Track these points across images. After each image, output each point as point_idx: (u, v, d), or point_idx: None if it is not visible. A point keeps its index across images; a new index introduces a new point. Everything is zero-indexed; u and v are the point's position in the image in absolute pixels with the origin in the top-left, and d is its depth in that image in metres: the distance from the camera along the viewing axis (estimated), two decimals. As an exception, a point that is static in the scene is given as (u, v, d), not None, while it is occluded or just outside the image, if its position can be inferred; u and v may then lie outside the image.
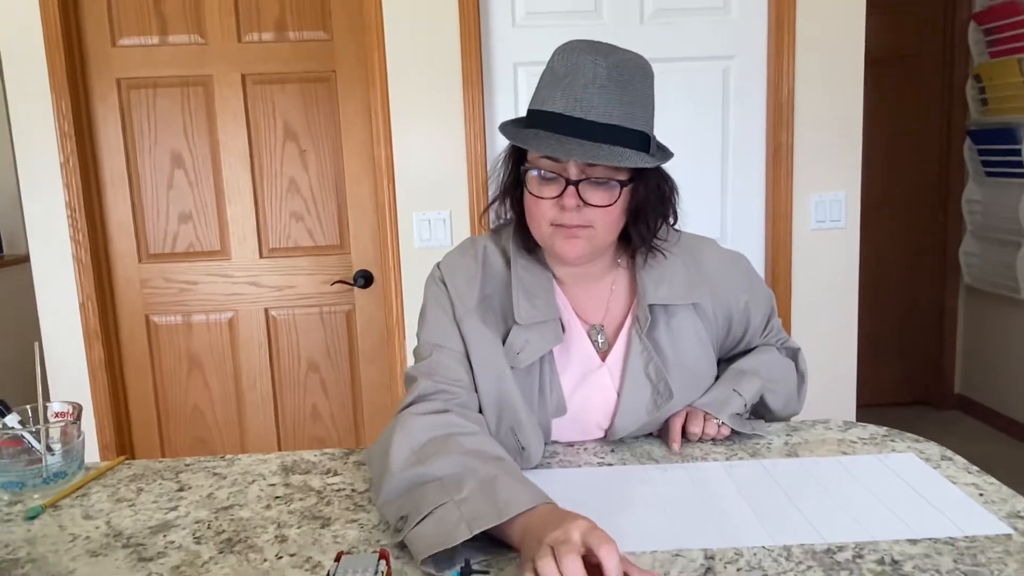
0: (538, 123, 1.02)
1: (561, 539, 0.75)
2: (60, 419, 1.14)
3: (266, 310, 2.45)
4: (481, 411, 1.08)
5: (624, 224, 1.09)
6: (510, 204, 1.14)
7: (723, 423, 1.14)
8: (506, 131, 1.08)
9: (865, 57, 2.36)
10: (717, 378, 1.21)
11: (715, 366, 1.22)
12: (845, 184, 2.41)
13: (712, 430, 1.14)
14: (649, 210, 1.09)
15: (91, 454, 2.33)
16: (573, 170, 1.02)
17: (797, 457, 1.09)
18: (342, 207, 2.41)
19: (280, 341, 2.47)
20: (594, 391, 1.14)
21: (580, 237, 1.04)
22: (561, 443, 1.17)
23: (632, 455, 1.12)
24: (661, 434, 1.18)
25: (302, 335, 2.47)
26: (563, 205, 1.02)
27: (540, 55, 1.07)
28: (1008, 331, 3.57)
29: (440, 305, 1.13)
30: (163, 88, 2.34)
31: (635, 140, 1.01)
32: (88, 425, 2.35)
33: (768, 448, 1.13)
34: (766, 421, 1.23)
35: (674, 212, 1.13)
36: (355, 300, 2.46)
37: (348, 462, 1.15)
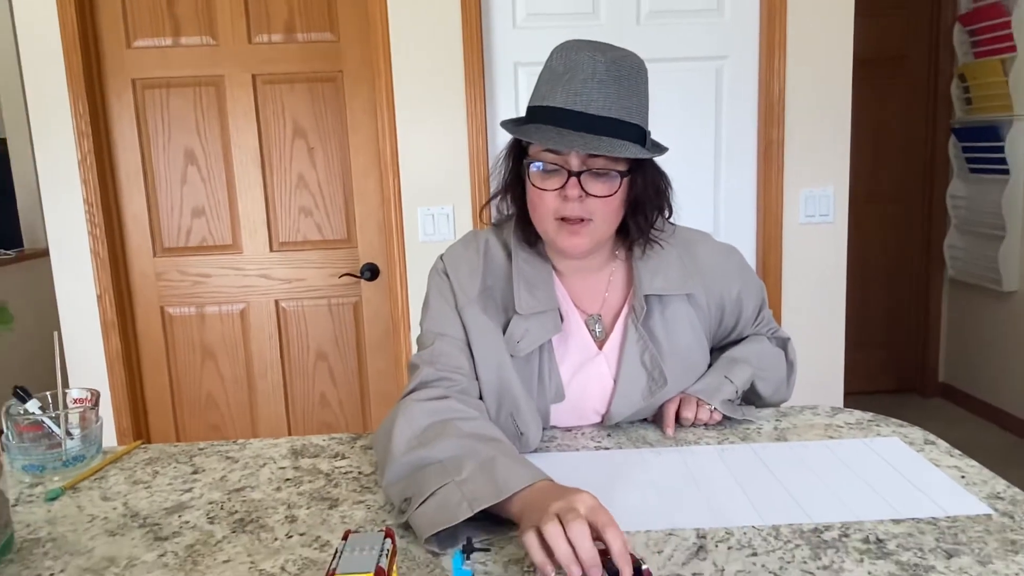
0: (539, 118, 1.03)
1: (567, 508, 0.75)
2: (79, 405, 1.15)
3: (276, 302, 2.45)
4: (481, 397, 1.09)
5: (622, 217, 1.09)
6: (511, 199, 1.14)
7: (715, 409, 1.14)
8: (508, 127, 1.08)
9: (853, 57, 2.35)
10: (710, 366, 1.21)
11: (708, 354, 1.22)
12: (834, 180, 2.40)
13: (704, 415, 1.15)
14: (646, 202, 1.09)
15: (108, 439, 2.34)
16: (575, 162, 1.02)
17: (786, 441, 1.10)
18: (349, 202, 2.41)
19: (290, 332, 2.47)
20: (591, 378, 1.14)
21: (582, 231, 1.05)
22: (559, 428, 1.17)
23: (628, 439, 1.12)
24: (656, 419, 1.18)
25: (311, 326, 2.47)
26: (566, 196, 1.02)
27: (540, 55, 1.07)
28: (990, 322, 3.58)
29: (443, 295, 1.14)
30: (176, 88, 2.33)
31: (633, 133, 1.01)
32: (105, 412, 2.35)
33: (758, 433, 1.13)
34: (756, 407, 1.23)
35: (669, 205, 1.13)
36: (362, 292, 2.46)
37: (355, 446, 1.15)
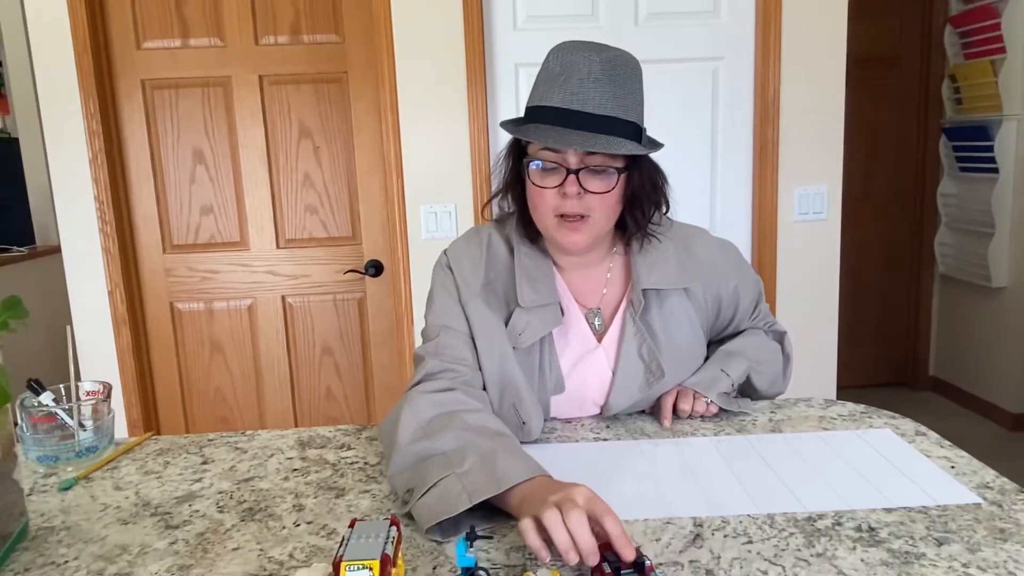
0: (538, 118, 1.03)
1: (565, 499, 0.75)
2: (91, 397, 1.15)
3: (283, 297, 2.45)
4: (485, 388, 1.09)
5: (620, 212, 1.09)
6: (512, 198, 1.14)
7: (711, 401, 1.15)
8: (507, 127, 1.08)
9: (847, 58, 2.35)
10: (707, 359, 1.21)
11: (704, 348, 1.22)
12: (827, 179, 2.40)
13: (701, 407, 1.15)
14: (643, 197, 1.09)
15: (120, 431, 2.34)
16: (573, 159, 1.02)
17: (781, 433, 1.10)
18: (354, 200, 2.41)
19: (296, 327, 2.47)
20: (591, 370, 1.14)
21: (581, 227, 1.05)
22: (559, 419, 1.18)
23: (626, 431, 1.13)
24: (653, 411, 1.18)
25: (317, 321, 2.47)
26: (565, 193, 1.03)
27: (540, 56, 1.07)
28: (980, 317, 3.58)
29: (446, 289, 1.14)
30: (185, 88, 2.33)
31: (629, 130, 1.01)
32: (117, 405, 2.36)
33: (754, 424, 1.13)
34: (752, 400, 1.23)
35: (666, 200, 1.13)
36: (366, 288, 2.46)
37: (361, 437, 1.15)
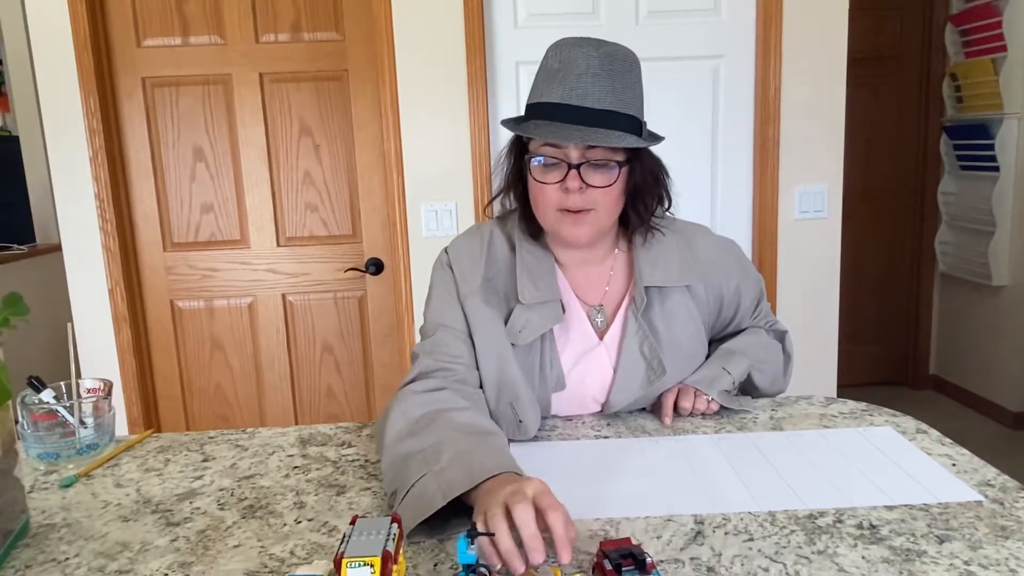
0: (538, 114, 1.03)
1: (514, 492, 0.74)
2: (92, 395, 1.15)
3: (283, 295, 2.45)
4: (481, 386, 1.09)
5: (623, 206, 1.09)
6: (514, 196, 1.14)
7: (712, 399, 1.14)
8: (508, 125, 1.08)
9: (847, 57, 2.34)
10: (708, 357, 1.21)
11: (706, 345, 1.22)
12: (828, 177, 2.40)
13: (702, 405, 1.15)
14: (645, 190, 1.09)
15: (120, 429, 2.33)
16: (574, 154, 1.02)
17: (782, 430, 1.10)
18: (354, 198, 2.41)
19: (296, 325, 2.47)
20: (592, 367, 1.14)
21: (584, 222, 1.05)
22: (560, 417, 1.18)
23: (627, 428, 1.13)
24: (654, 409, 1.18)
25: (317, 319, 2.47)
26: (567, 188, 1.03)
27: (541, 54, 1.07)
28: (980, 316, 3.57)
29: (445, 287, 1.14)
30: (185, 86, 2.33)
31: (628, 124, 1.01)
32: (117, 402, 2.36)
33: (754, 422, 1.13)
34: (753, 398, 1.23)
35: (668, 194, 1.13)
36: (367, 286, 2.46)
37: (361, 435, 1.15)
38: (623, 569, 0.69)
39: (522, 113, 1.09)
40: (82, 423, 1.11)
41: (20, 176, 3.61)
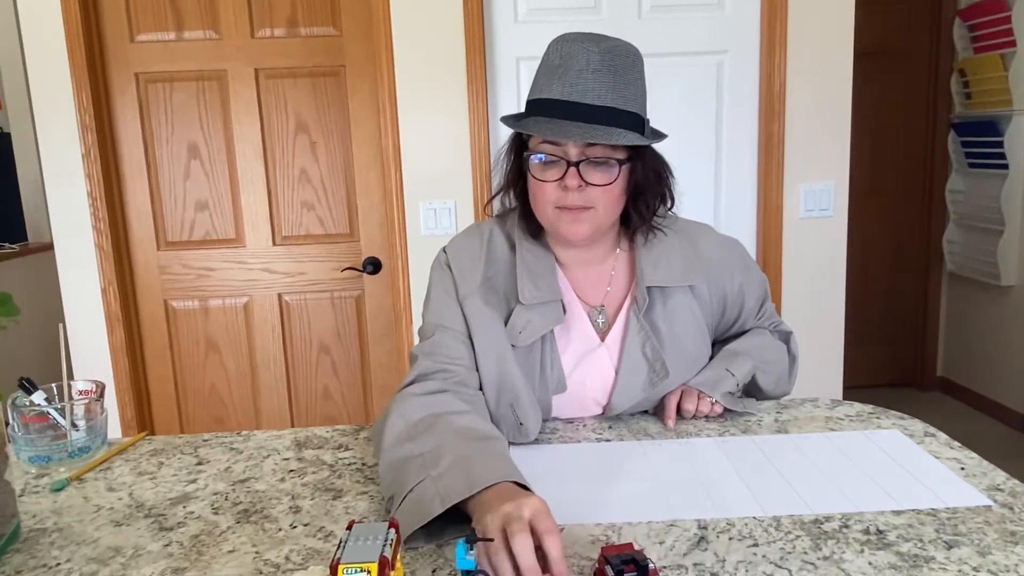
0: (537, 111, 1.03)
1: (512, 518, 0.73)
2: (84, 397, 1.14)
3: (279, 295, 2.45)
4: (481, 388, 1.09)
5: (624, 205, 1.09)
6: (514, 194, 1.14)
7: (716, 401, 1.14)
8: (508, 122, 1.08)
9: (854, 52, 2.34)
10: (711, 359, 1.21)
11: (709, 347, 1.21)
12: (833, 174, 2.40)
13: (705, 408, 1.14)
14: (647, 189, 1.09)
15: (113, 431, 2.34)
16: (573, 151, 1.02)
17: (787, 433, 1.10)
18: (351, 196, 2.41)
19: (293, 325, 2.47)
20: (593, 369, 1.14)
21: (583, 219, 1.05)
22: (561, 419, 1.17)
23: (629, 431, 1.12)
24: (657, 411, 1.18)
25: (314, 319, 2.47)
26: (566, 186, 1.02)
27: (541, 49, 1.07)
28: (988, 316, 3.57)
29: (444, 287, 1.14)
30: (179, 82, 2.33)
31: (630, 121, 1.01)
32: (110, 404, 2.35)
33: (759, 425, 1.13)
34: (757, 400, 1.23)
35: (671, 193, 1.13)
36: (364, 286, 2.46)
37: (359, 438, 1.15)
38: (625, 575, 0.69)
39: (522, 110, 1.09)
40: (74, 425, 1.10)
41: (11, 173, 3.61)
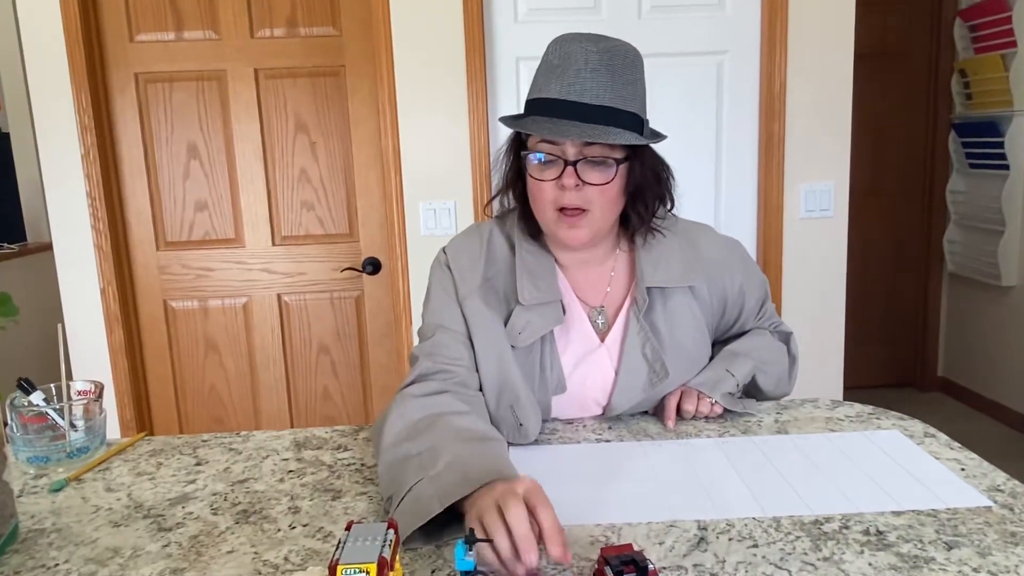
0: (536, 110, 1.03)
1: (506, 492, 0.75)
2: (83, 397, 1.14)
3: (279, 295, 2.45)
4: (481, 389, 1.09)
5: (623, 206, 1.09)
6: (513, 194, 1.14)
7: (716, 402, 1.14)
8: (506, 121, 1.08)
9: (854, 52, 2.34)
10: (711, 359, 1.21)
11: (709, 347, 1.21)
12: (834, 174, 2.40)
13: (705, 408, 1.14)
14: (646, 190, 1.09)
15: (112, 431, 2.34)
16: (571, 151, 1.02)
17: (787, 434, 1.10)
18: (351, 197, 2.41)
19: (292, 325, 2.47)
20: (593, 370, 1.14)
21: (582, 223, 1.05)
22: (561, 420, 1.17)
23: (628, 432, 1.12)
24: (656, 412, 1.18)
25: (313, 319, 2.47)
26: (563, 185, 1.03)
27: (541, 50, 1.07)
28: (989, 316, 3.57)
29: (443, 287, 1.14)
30: (179, 82, 2.33)
31: (628, 120, 1.01)
32: (109, 404, 2.36)
33: (759, 425, 1.13)
34: (757, 400, 1.23)
35: (670, 194, 1.13)
36: (364, 286, 2.46)
37: (358, 438, 1.15)
38: (624, 576, 0.69)
39: (522, 110, 1.09)
40: (72, 426, 1.10)
41: (11, 173, 3.61)
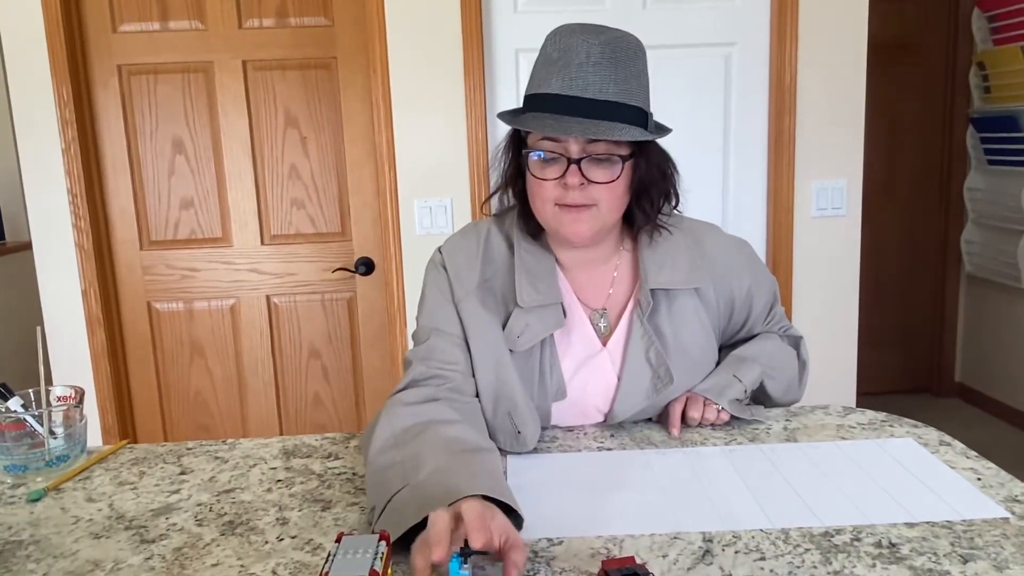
0: (536, 106, 1.03)
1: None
2: (62, 403, 1.14)
3: (267, 297, 2.45)
4: (478, 394, 1.09)
5: (628, 203, 1.09)
6: (513, 193, 1.14)
7: (723, 408, 1.14)
8: (505, 118, 1.08)
9: (868, 43, 2.34)
10: (718, 364, 1.21)
11: (716, 352, 1.22)
12: (847, 172, 2.40)
13: (712, 415, 1.15)
14: (651, 186, 1.09)
15: (93, 438, 2.33)
16: (574, 148, 1.02)
17: (796, 442, 1.10)
18: (343, 194, 2.41)
19: (281, 328, 2.47)
20: (594, 375, 1.14)
21: (585, 218, 1.05)
22: (561, 427, 1.17)
23: (631, 440, 1.12)
24: (661, 419, 1.18)
25: (303, 322, 2.47)
26: (567, 184, 1.03)
27: (542, 41, 1.07)
28: (1009, 320, 3.57)
29: (439, 289, 1.14)
30: (164, 74, 2.33)
31: (632, 115, 1.01)
32: (90, 410, 2.36)
33: (767, 433, 1.13)
34: (766, 407, 1.23)
35: (675, 191, 1.13)
36: (356, 287, 2.46)
37: (349, 446, 1.15)
38: (626, 589, 0.69)
39: (521, 104, 1.09)
40: (52, 433, 1.10)
41: (-12, 169, 3.61)
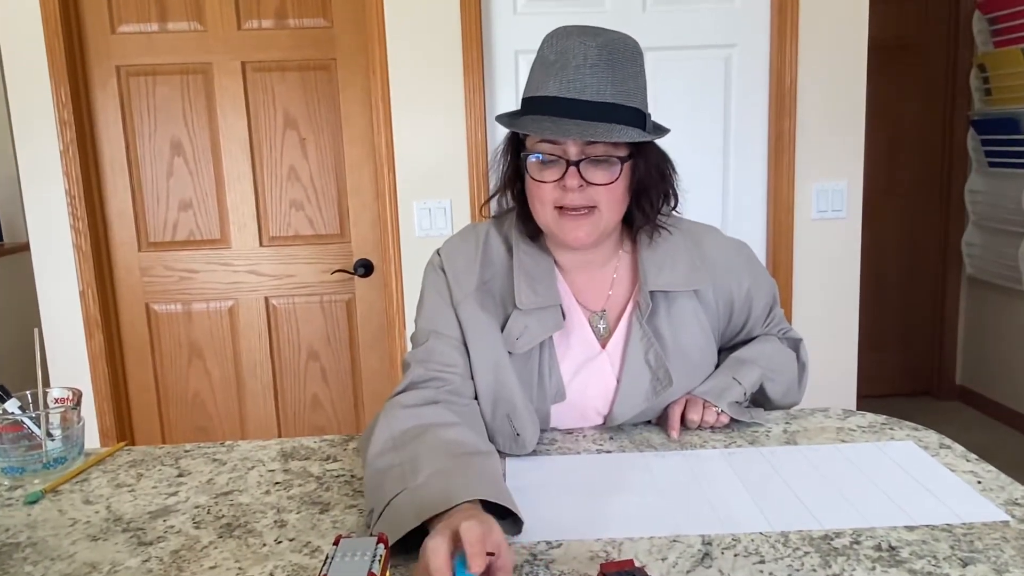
0: (534, 109, 1.03)
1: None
2: (60, 405, 1.15)
3: (266, 299, 2.45)
4: (477, 397, 1.09)
5: (627, 204, 1.09)
6: (512, 195, 1.14)
7: (722, 411, 1.14)
8: (503, 121, 1.08)
9: (868, 45, 2.35)
10: (717, 366, 1.21)
11: (715, 354, 1.22)
12: (847, 174, 2.40)
13: (711, 418, 1.15)
14: (651, 187, 1.10)
15: (91, 441, 2.33)
16: (573, 150, 1.02)
17: (796, 445, 1.10)
18: (342, 196, 2.41)
19: (280, 330, 2.47)
20: (593, 377, 1.14)
21: (585, 223, 1.05)
22: (560, 430, 1.17)
23: (631, 442, 1.13)
24: (660, 421, 1.18)
25: (302, 324, 2.47)
26: (566, 186, 1.03)
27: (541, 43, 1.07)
28: (1009, 322, 3.57)
29: (437, 291, 1.14)
30: (162, 75, 2.33)
31: (630, 116, 1.01)
32: (88, 412, 2.35)
33: (767, 436, 1.13)
34: (765, 410, 1.23)
35: (675, 191, 1.13)
36: (355, 289, 2.46)
37: (347, 449, 1.15)
38: (625, 593, 0.69)
39: (519, 107, 1.09)
40: (49, 435, 1.10)
41: (-14, 170, 3.61)
